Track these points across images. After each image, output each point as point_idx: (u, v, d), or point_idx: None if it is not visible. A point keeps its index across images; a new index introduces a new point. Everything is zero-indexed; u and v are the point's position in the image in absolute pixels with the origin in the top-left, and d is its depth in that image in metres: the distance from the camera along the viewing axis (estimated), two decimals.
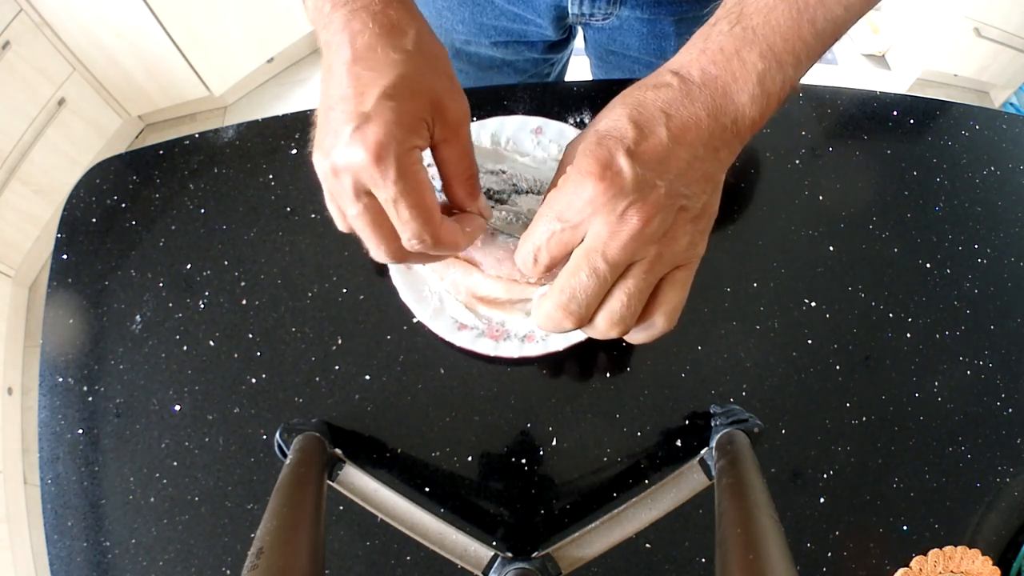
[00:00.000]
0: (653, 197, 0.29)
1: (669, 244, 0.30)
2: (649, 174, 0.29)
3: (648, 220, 0.29)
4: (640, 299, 0.31)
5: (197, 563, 0.42)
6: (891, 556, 0.43)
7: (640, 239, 0.29)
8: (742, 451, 0.37)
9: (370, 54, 0.31)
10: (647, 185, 0.29)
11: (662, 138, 0.30)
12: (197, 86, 1.62)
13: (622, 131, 0.30)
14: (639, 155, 0.29)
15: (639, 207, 0.29)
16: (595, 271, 0.30)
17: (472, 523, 0.42)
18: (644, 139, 0.30)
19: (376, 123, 0.29)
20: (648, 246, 0.30)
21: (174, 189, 0.51)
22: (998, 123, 0.57)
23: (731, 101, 0.31)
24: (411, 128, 0.31)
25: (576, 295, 0.31)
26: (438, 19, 0.65)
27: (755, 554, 0.28)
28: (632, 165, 0.29)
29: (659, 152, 0.30)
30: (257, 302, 0.47)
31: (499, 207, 0.46)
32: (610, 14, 0.60)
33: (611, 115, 0.31)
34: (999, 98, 1.83)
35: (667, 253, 0.30)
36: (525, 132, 0.49)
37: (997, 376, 0.48)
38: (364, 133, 0.29)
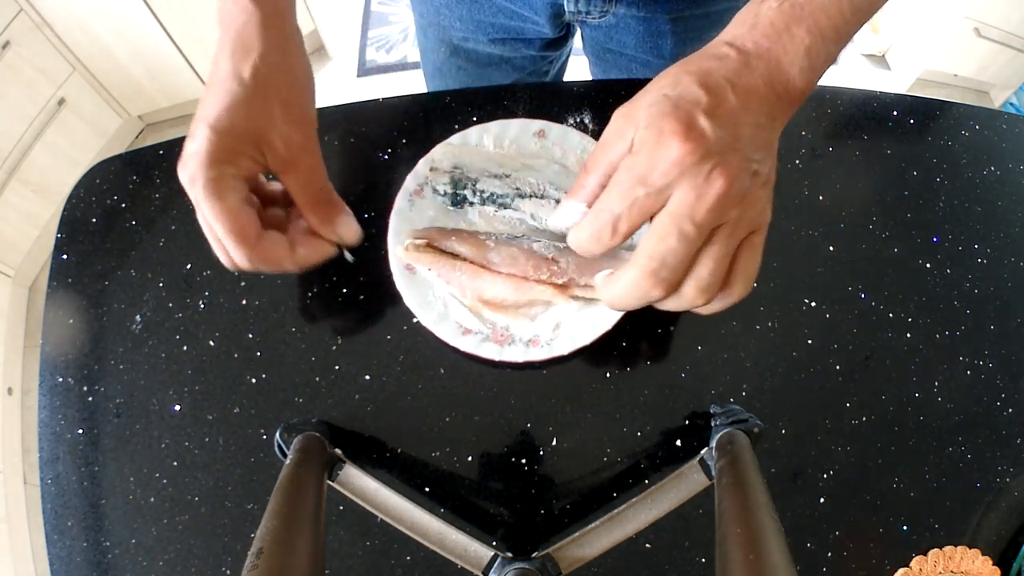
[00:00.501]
0: (734, 159, 0.30)
1: (747, 208, 0.30)
2: (727, 135, 0.30)
3: (732, 182, 0.29)
4: (724, 264, 0.31)
5: (197, 563, 0.42)
6: (891, 556, 0.43)
7: (725, 201, 0.29)
8: (742, 451, 0.37)
9: (216, 75, 0.34)
10: (728, 147, 0.29)
11: (733, 103, 0.30)
12: (197, 86, 1.62)
13: (696, 95, 0.30)
14: (718, 115, 0.30)
15: (723, 169, 0.29)
16: (684, 235, 0.29)
17: (472, 523, 0.42)
18: (718, 103, 0.30)
19: (192, 149, 0.33)
20: (731, 209, 0.30)
21: (174, 189, 0.51)
22: (998, 123, 0.57)
23: (783, 72, 0.32)
24: (222, 159, 0.34)
25: (667, 261, 0.30)
26: (436, 16, 0.65)
27: (755, 554, 0.28)
28: (712, 126, 0.29)
29: (732, 116, 0.30)
30: (257, 302, 0.47)
31: (502, 211, 0.46)
32: (606, 12, 0.60)
33: (679, 83, 0.31)
34: (999, 98, 1.83)
35: (746, 216, 0.31)
36: (527, 135, 0.49)
37: (997, 376, 0.48)
38: (184, 156, 0.34)
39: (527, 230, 0.46)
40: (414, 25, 0.74)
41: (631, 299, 0.32)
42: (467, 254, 0.44)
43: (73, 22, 1.36)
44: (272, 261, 0.36)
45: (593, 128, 0.52)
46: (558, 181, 0.47)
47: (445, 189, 0.46)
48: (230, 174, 0.34)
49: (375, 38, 1.94)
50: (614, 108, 0.52)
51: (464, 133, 0.48)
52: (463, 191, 0.46)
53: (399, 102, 0.54)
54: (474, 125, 0.49)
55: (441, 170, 0.47)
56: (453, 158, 0.47)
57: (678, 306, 0.32)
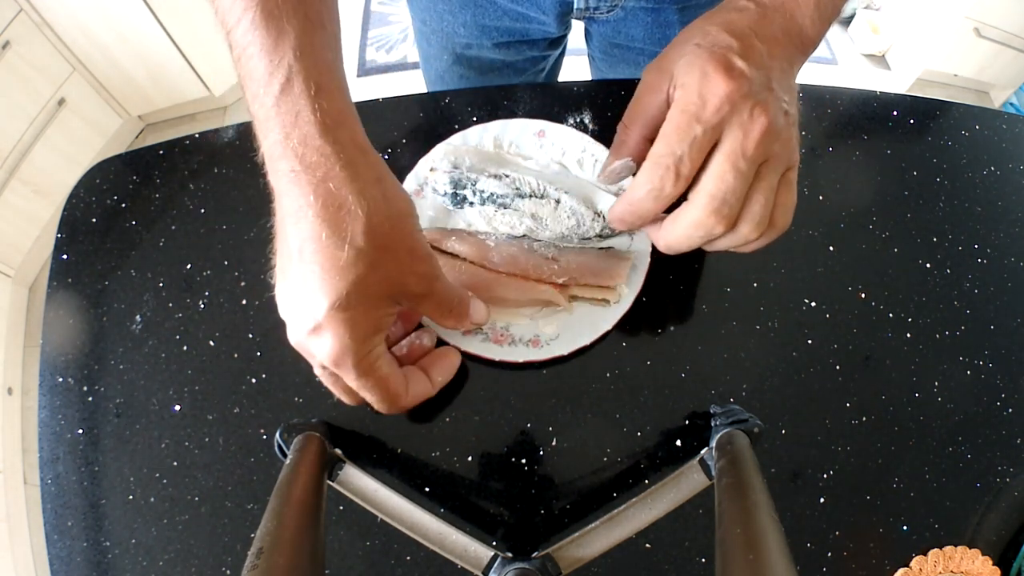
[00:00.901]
0: (771, 98, 0.31)
1: (784, 144, 0.32)
2: (762, 77, 0.31)
3: (773, 118, 0.31)
4: (772, 198, 0.33)
5: (197, 563, 0.42)
6: (891, 556, 0.43)
7: (770, 136, 0.31)
8: (742, 451, 0.37)
9: (315, 246, 0.29)
10: (764, 87, 0.31)
11: (760, 48, 0.32)
12: (197, 86, 1.62)
13: (728, 41, 0.32)
14: (751, 57, 0.31)
15: (764, 106, 0.31)
16: (740, 172, 0.31)
17: (472, 523, 0.42)
18: (748, 48, 0.32)
19: (328, 334, 0.30)
20: (774, 143, 0.31)
21: (174, 189, 0.51)
22: (998, 123, 0.57)
23: (796, 23, 0.34)
24: (367, 333, 0.32)
25: (727, 198, 0.31)
26: (440, 23, 0.65)
27: (755, 554, 0.28)
28: (750, 67, 0.31)
29: (762, 60, 0.32)
30: (257, 302, 0.47)
31: (502, 211, 0.46)
32: (615, 5, 0.60)
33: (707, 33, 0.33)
34: (999, 98, 1.83)
35: (784, 152, 0.32)
36: (527, 135, 0.49)
37: (997, 376, 0.48)
38: (320, 338, 0.31)
39: (527, 230, 0.46)
40: (414, 31, 0.74)
41: (694, 238, 0.33)
42: (467, 254, 0.44)
43: (73, 22, 1.36)
44: (418, 399, 0.37)
45: (593, 128, 0.52)
46: (558, 181, 0.47)
47: (445, 189, 0.46)
48: (375, 343, 0.33)
49: (375, 38, 1.94)
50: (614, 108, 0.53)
51: (464, 133, 0.48)
52: (463, 191, 0.46)
53: (399, 102, 0.54)
54: (474, 125, 0.49)
55: (441, 170, 0.47)
56: (453, 158, 0.47)
57: (732, 242, 0.34)
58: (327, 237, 0.29)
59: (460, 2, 0.62)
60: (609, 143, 0.48)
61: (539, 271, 0.43)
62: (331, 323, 0.30)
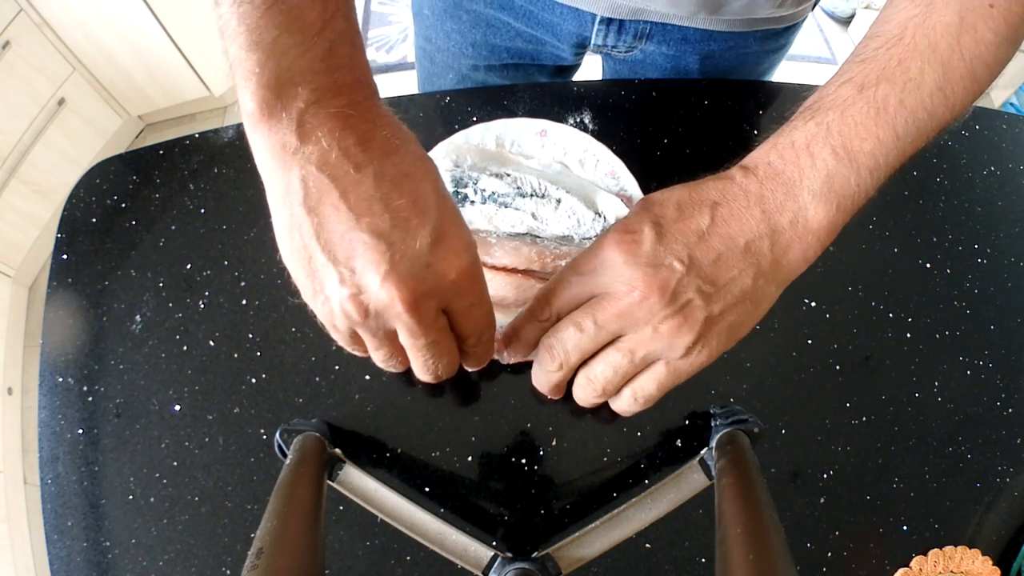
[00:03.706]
0: (662, 275, 0.28)
1: (664, 334, 0.28)
2: (668, 252, 0.28)
3: (648, 295, 0.28)
4: (613, 374, 0.31)
5: (197, 563, 0.42)
6: (891, 556, 0.43)
7: (634, 312, 0.28)
8: (742, 451, 0.37)
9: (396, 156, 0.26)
10: (660, 262, 0.28)
11: (699, 224, 0.29)
12: (197, 86, 1.62)
13: (663, 210, 0.29)
14: (667, 231, 0.28)
15: (645, 281, 0.28)
16: (580, 325, 0.30)
17: (472, 523, 0.42)
18: (680, 219, 0.29)
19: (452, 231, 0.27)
20: (642, 325, 0.29)
21: (174, 189, 0.51)
22: (998, 123, 0.57)
23: (792, 199, 0.29)
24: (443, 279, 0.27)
25: (561, 341, 0.31)
26: (447, 42, 0.64)
27: (755, 554, 0.28)
28: (653, 236, 0.28)
29: (690, 235, 0.28)
30: (257, 302, 0.47)
31: (503, 210, 0.46)
32: (634, 47, 0.59)
33: (664, 194, 0.30)
34: (999, 98, 1.83)
35: (658, 342, 0.29)
36: (529, 134, 0.49)
37: (997, 376, 0.48)
38: (448, 248, 0.27)
39: (528, 229, 0.46)
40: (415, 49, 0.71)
41: (535, 371, 0.34)
42: None
43: (73, 22, 1.36)
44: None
45: (593, 128, 0.52)
46: (559, 181, 0.47)
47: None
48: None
49: (375, 38, 1.94)
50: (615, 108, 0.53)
51: (466, 132, 0.48)
52: (464, 189, 0.46)
53: (399, 102, 0.54)
54: (475, 124, 0.49)
55: (442, 168, 0.47)
56: (455, 157, 0.47)
57: (576, 391, 0.33)
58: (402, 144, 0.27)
59: (471, 21, 0.60)
60: (610, 143, 0.48)
61: (543, 258, 0.43)
62: (448, 215, 0.27)
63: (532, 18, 0.58)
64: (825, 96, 0.30)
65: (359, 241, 0.25)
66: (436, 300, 0.27)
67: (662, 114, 0.54)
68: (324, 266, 0.26)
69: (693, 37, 0.57)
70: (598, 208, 0.46)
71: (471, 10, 0.60)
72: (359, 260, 0.25)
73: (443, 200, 0.27)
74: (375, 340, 0.29)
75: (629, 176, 0.47)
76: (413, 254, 0.25)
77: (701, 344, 0.29)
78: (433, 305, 0.27)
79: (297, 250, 0.27)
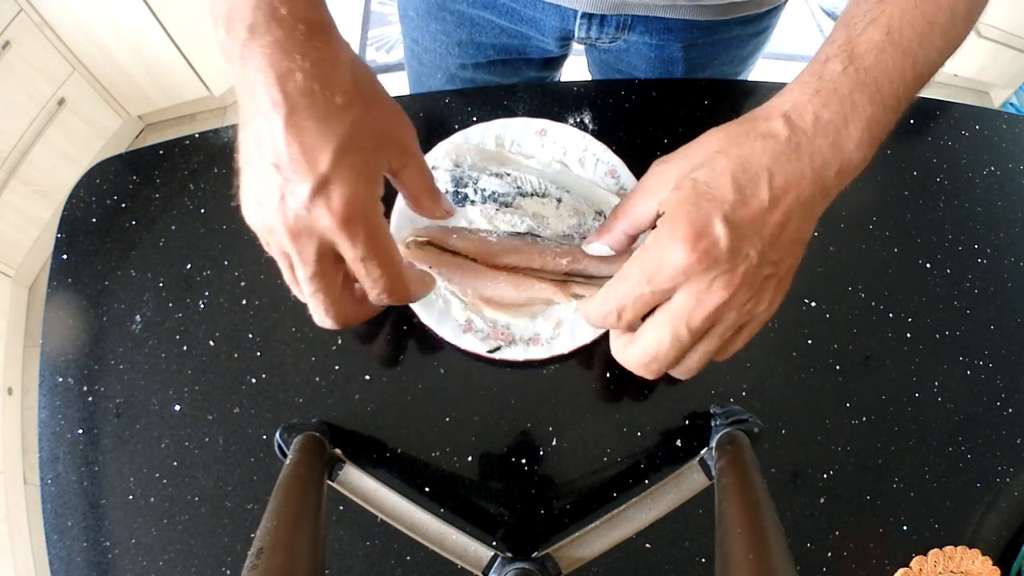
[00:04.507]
0: (743, 268, 0.29)
1: (750, 309, 0.31)
2: (743, 243, 0.29)
3: (735, 292, 0.29)
4: (711, 356, 0.32)
5: (197, 563, 0.42)
6: (891, 556, 0.43)
7: (724, 309, 0.30)
8: (742, 451, 0.37)
9: (309, 101, 0.28)
10: (740, 255, 0.29)
11: (762, 201, 0.29)
12: (197, 86, 1.62)
13: (723, 192, 0.29)
14: (736, 222, 0.29)
15: (728, 279, 0.29)
16: (678, 338, 0.30)
17: (472, 523, 0.42)
18: (743, 203, 0.29)
19: (338, 184, 0.29)
20: (729, 313, 0.30)
21: (174, 189, 0.51)
22: (998, 123, 0.57)
23: (839, 150, 0.30)
24: (372, 180, 0.30)
25: (658, 357, 0.31)
26: (433, 43, 0.64)
27: (755, 554, 0.28)
28: (728, 233, 0.28)
29: (756, 217, 0.29)
30: (257, 302, 0.47)
31: (504, 210, 0.46)
32: (617, 38, 0.59)
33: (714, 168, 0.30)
34: (999, 98, 1.83)
35: (744, 318, 0.31)
36: (529, 134, 0.49)
37: (997, 376, 0.48)
38: (327, 196, 0.28)
39: (528, 229, 0.46)
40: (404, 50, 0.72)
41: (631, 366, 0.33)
42: (469, 251, 0.43)
43: (73, 22, 1.36)
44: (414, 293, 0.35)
45: (593, 128, 0.52)
46: (559, 180, 0.47)
47: (446, 187, 0.46)
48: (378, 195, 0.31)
49: (375, 38, 1.94)
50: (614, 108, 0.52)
51: (466, 132, 0.48)
52: (464, 189, 0.46)
53: (399, 101, 0.54)
54: (475, 124, 0.49)
55: (442, 168, 0.47)
56: (455, 156, 0.47)
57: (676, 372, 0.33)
58: (320, 89, 0.29)
59: (455, 22, 0.61)
60: (610, 143, 0.48)
61: (544, 256, 0.42)
62: (338, 170, 0.29)
63: (515, 15, 0.59)
64: (856, 38, 0.31)
65: (263, 169, 0.29)
66: (315, 240, 0.30)
67: (662, 114, 0.54)
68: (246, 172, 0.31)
69: (675, 26, 0.57)
70: (599, 208, 0.46)
71: (454, 10, 0.60)
72: (262, 182, 0.29)
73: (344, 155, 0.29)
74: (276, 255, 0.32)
75: (629, 175, 0.47)
76: (297, 194, 0.28)
77: (776, 300, 0.32)
78: (313, 244, 0.30)
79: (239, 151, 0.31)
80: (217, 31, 0.29)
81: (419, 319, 0.44)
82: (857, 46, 0.31)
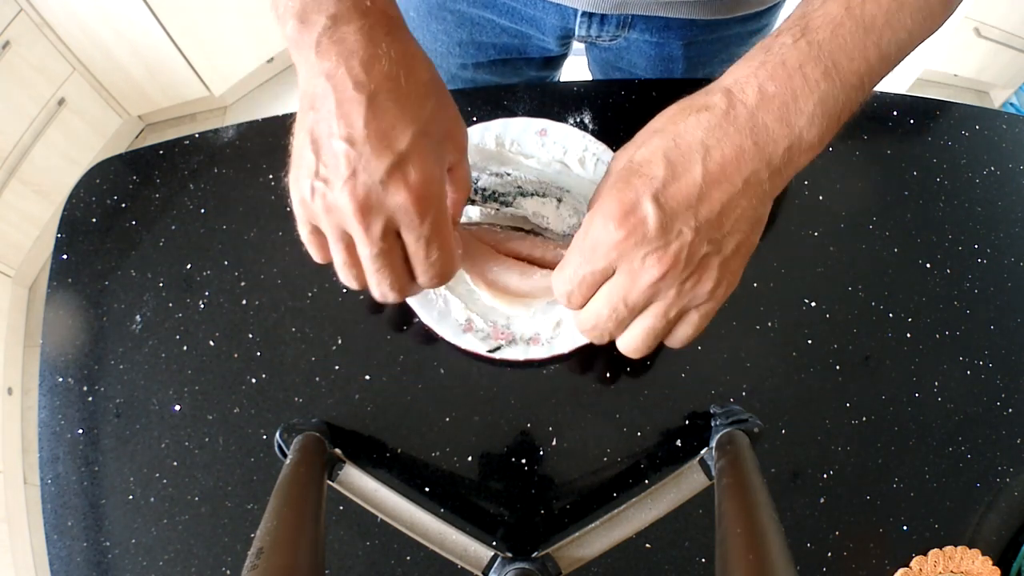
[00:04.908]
0: (676, 245, 0.29)
1: (689, 289, 0.30)
2: (675, 220, 0.29)
3: (668, 268, 0.29)
4: (654, 334, 0.32)
5: (197, 563, 0.42)
6: (891, 556, 0.43)
7: (658, 286, 0.30)
8: (742, 451, 0.37)
9: (392, 85, 0.29)
10: (671, 232, 0.29)
11: (695, 178, 0.29)
12: (197, 86, 1.62)
13: (653, 169, 0.29)
14: (667, 199, 0.29)
15: (659, 255, 0.29)
16: (616, 311, 0.31)
17: (472, 523, 0.42)
18: (675, 179, 0.29)
19: (416, 163, 0.29)
20: (667, 290, 0.30)
21: (174, 189, 0.51)
22: (998, 123, 0.57)
23: (786, 125, 0.29)
24: (443, 166, 0.32)
25: (599, 326, 0.32)
26: (433, 43, 0.64)
27: (755, 554, 0.28)
28: (656, 211, 0.28)
29: (690, 194, 0.29)
30: (257, 302, 0.47)
31: (504, 210, 0.46)
32: (618, 36, 0.59)
33: (648, 144, 0.30)
34: (999, 98, 1.83)
35: (684, 297, 0.31)
36: (529, 134, 0.49)
37: (997, 376, 0.48)
38: (405, 173, 0.29)
39: (529, 228, 0.46)
40: None
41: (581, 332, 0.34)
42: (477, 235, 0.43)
43: (73, 22, 1.36)
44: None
45: (593, 128, 0.52)
46: (559, 180, 0.47)
47: None
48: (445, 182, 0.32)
49: None
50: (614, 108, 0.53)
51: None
52: None
53: None
54: (475, 124, 0.49)
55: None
56: None
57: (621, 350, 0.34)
58: (404, 76, 0.30)
59: (455, 21, 0.61)
60: (610, 142, 0.48)
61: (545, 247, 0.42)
62: (416, 151, 0.29)
63: (515, 14, 0.59)
64: (812, 12, 0.30)
65: (335, 146, 0.29)
66: (384, 217, 0.30)
67: None
68: (308, 156, 0.30)
69: (675, 24, 0.57)
70: None
71: (455, 10, 0.60)
72: (332, 160, 0.29)
73: (422, 137, 0.30)
74: (333, 236, 0.32)
75: None
76: (373, 169, 0.29)
77: (723, 282, 0.31)
78: (381, 220, 0.30)
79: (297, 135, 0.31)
80: (285, 25, 0.30)
81: (419, 319, 0.44)
82: (812, 20, 0.30)
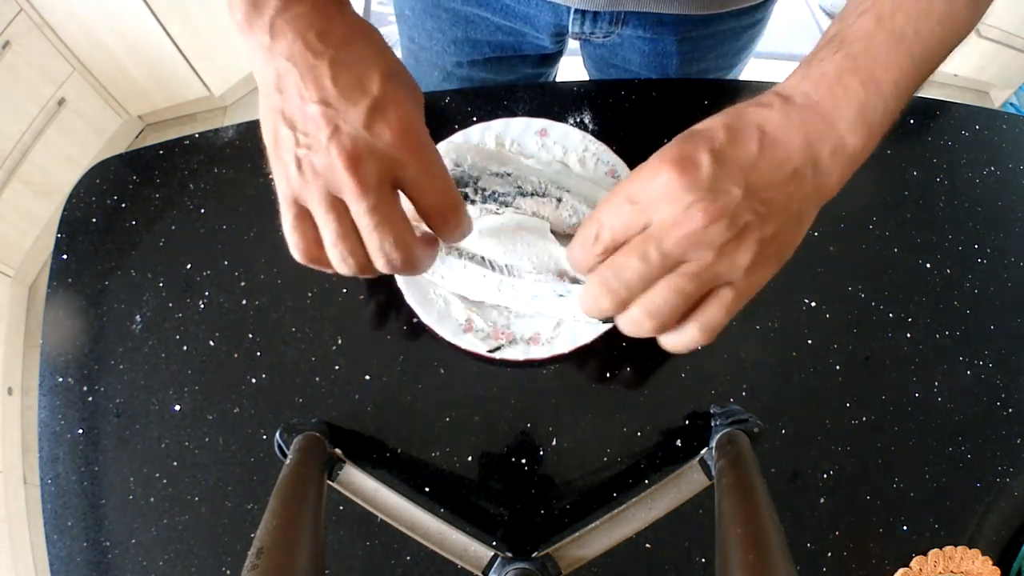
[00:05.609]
0: (723, 200, 0.28)
1: (727, 255, 0.29)
2: (727, 177, 0.29)
3: (712, 221, 0.28)
4: (682, 300, 0.30)
5: (197, 563, 0.42)
6: (891, 556, 0.43)
7: (698, 238, 0.28)
8: (742, 451, 0.37)
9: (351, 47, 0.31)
10: (721, 187, 0.28)
11: (751, 148, 0.29)
12: (197, 86, 1.62)
13: (713, 131, 0.30)
14: (723, 157, 0.29)
15: (706, 205, 0.28)
16: (646, 256, 0.29)
17: (472, 523, 0.42)
18: (732, 144, 0.29)
19: (391, 103, 0.30)
20: (705, 249, 0.29)
21: (174, 189, 0.51)
22: (998, 123, 0.57)
23: (831, 128, 0.30)
24: (419, 103, 0.32)
25: (621, 274, 0.30)
26: (429, 41, 0.64)
27: (755, 554, 0.28)
28: (712, 163, 0.28)
29: (744, 160, 0.29)
30: (257, 302, 0.47)
31: (503, 209, 0.46)
32: (611, 32, 0.60)
33: (710, 121, 0.31)
34: (999, 98, 1.83)
35: (722, 264, 0.29)
36: (529, 134, 0.49)
37: (997, 376, 0.48)
38: (383, 113, 0.30)
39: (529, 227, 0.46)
40: (401, 49, 0.72)
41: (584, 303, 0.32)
42: None
43: (73, 22, 1.36)
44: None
45: (593, 128, 0.52)
46: (560, 180, 0.47)
47: None
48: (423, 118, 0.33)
49: None
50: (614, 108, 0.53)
51: (466, 131, 0.48)
52: (465, 189, 0.46)
53: None
54: (475, 124, 0.49)
55: None
56: (455, 156, 0.47)
57: (627, 326, 0.31)
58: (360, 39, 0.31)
59: (450, 20, 0.61)
60: (610, 142, 0.48)
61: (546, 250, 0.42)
62: (389, 91, 0.30)
63: (509, 12, 0.59)
64: (847, 29, 0.31)
65: (310, 111, 0.30)
66: (376, 162, 0.30)
67: (662, 114, 0.54)
68: (284, 133, 0.30)
69: (669, 20, 0.57)
70: None
71: (449, 8, 0.60)
72: (310, 125, 0.30)
73: (390, 80, 0.31)
74: (323, 207, 0.31)
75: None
76: (353, 119, 0.29)
77: (760, 263, 0.30)
78: (374, 167, 0.30)
79: (267, 122, 0.31)
80: (236, 12, 0.31)
81: (419, 319, 0.44)
82: (847, 35, 0.31)
